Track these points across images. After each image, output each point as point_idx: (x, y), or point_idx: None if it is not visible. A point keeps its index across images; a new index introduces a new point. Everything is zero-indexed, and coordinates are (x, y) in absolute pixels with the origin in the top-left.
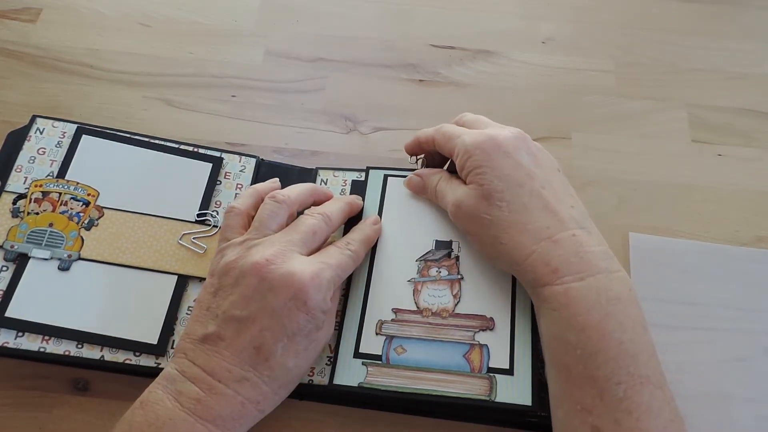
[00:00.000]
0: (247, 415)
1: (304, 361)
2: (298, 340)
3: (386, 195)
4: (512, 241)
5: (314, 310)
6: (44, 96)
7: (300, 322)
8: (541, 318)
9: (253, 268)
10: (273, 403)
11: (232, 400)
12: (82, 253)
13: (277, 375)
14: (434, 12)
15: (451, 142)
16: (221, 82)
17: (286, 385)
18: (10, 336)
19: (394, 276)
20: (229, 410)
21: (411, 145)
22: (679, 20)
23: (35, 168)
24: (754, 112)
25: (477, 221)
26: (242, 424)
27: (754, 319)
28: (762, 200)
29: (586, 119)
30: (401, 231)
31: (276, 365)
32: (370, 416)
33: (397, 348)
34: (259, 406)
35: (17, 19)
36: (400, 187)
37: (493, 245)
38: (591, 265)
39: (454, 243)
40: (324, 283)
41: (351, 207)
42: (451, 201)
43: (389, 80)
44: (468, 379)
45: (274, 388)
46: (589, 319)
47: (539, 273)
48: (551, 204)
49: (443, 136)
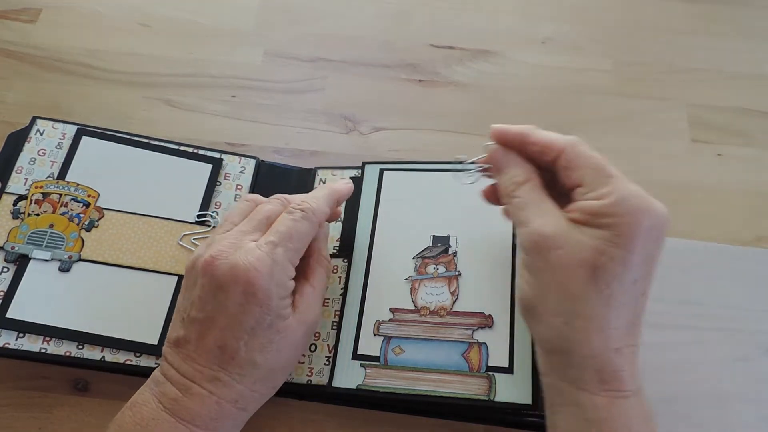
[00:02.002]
0: (226, 414)
1: (276, 353)
2: (259, 334)
3: (382, 190)
4: (584, 332)
5: (267, 301)
6: (44, 96)
7: (255, 316)
8: (562, 415)
9: (203, 268)
10: (255, 400)
11: (207, 400)
12: (83, 254)
13: (248, 372)
14: (434, 12)
15: (601, 175)
16: (221, 82)
17: (262, 380)
18: (11, 337)
19: (391, 274)
20: (206, 410)
21: (501, 132)
22: (679, 20)
23: (35, 169)
24: (754, 112)
25: (564, 278)
26: (225, 424)
27: (754, 319)
28: (762, 200)
29: (585, 119)
30: (398, 226)
31: (243, 363)
32: (370, 416)
33: (395, 348)
34: (238, 404)
35: (17, 19)
36: (396, 181)
37: (556, 315)
38: (637, 381)
39: (451, 238)
40: (273, 268)
41: (335, 191)
42: (536, 228)
43: (389, 80)
44: (467, 378)
45: (248, 385)
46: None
47: (588, 378)
48: (640, 314)
49: (586, 159)
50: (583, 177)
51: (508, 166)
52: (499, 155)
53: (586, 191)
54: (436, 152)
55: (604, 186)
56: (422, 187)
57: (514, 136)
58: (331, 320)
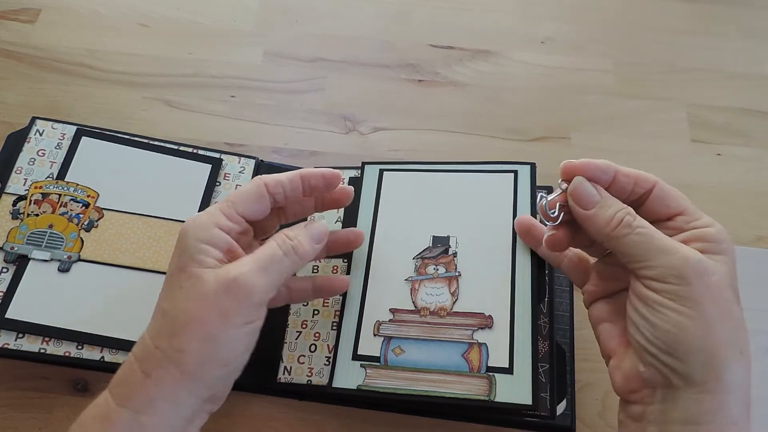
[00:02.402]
0: (131, 377)
1: (184, 301)
2: (172, 277)
3: (382, 190)
4: (748, 359)
5: (183, 240)
6: (43, 97)
7: (174, 259)
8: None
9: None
10: (155, 360)
11: (126, 361)
12: (82, 254)
13: (155, 320)
14: (433, 12)
15: (691, 204)
16: (220, 82)
17: (166, 335)
18: (10, 337)
19: (391, 275)
20: (120, 373)
21: (583, 166)
22: (679, 20)
23: (35, 170)
24: (754, 112)
25: (726, 303)
26: (135, 392)
27: (754, 319)
28: (761, 200)
29: (585, 119)
30: (398, 227)
31: (156, 311)
32: (370, 416)
33: (396, 349)
34: (142, 364)
35: (16, 19)
36: (396, 181)
37: (730, 345)
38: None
39: (451, 239)
40: (201, 215)
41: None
42: (688, 254)
43: (388, 80)
44: (467, 379)
45: (152, 335)
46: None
47: (740, 413)
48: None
49: (674, 189)
50: (684, 206)
51: (607, 199)
52: (589, 189)
53: (691, 219)
54: (436, 152)
55: (700, 214)
56: (422, 187)
57: (594, 168)
58: (331, 320)
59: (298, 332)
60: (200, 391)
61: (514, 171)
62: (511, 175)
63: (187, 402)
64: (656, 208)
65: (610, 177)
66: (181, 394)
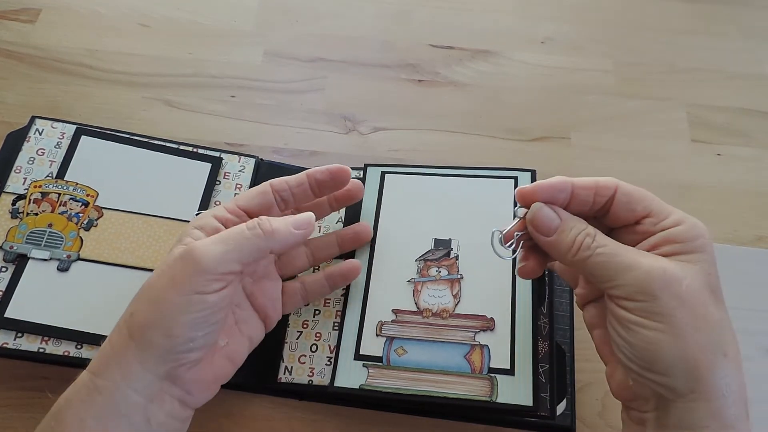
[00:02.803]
0: (103, 345)
1: (157, 268)
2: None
3: (384, 192)
4: (735, 360)
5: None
6: (43, 96)
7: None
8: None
9: None
10: (116, 324)
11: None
12: (82, 253)
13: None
14: (433, 12)
15: (659, 202)
16: (220, 82)
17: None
18: (9, 337)
19: (394, 276)
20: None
21: (532, 191)
22: (678, 20)
23: (34, 169)
24: (754, 112)
25: (701, 307)
26: (97, 356)
27: (754, 319)
28: (761, 200)
29: (585, 119)
30: (400, 229)
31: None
32: (371, 416)
33: (398, 349)
34: (113, 330)
35: (16, 19)
36: (398, 184)
37: (708, 352)
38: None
39: (453, 241)
40: (206, 213)
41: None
42: (652, 266)
43: (388, 80)
44: (469, 380)
45: (130, 304)
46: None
47: (738, 414)
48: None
49: (638, 190)
50: (651, 207)
51: (567, 222)
52: (547, 214)
53: (658, 220)
54: (436, 152)
55: (669, 211)
56: (424, 190)
57: (549, 189)
58: (332, 320)
59: (299, 332)
60: (149, 363)
61: (515, 177)
62: (512, 181)
63: (137, 373)
64: (622, 214)
65: (568, 194)
66: (131, 362)
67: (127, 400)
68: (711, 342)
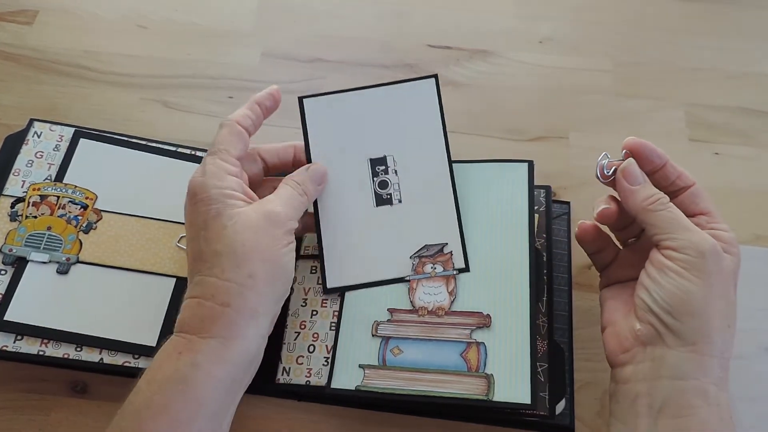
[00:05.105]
0: (208, 313)
1: (234, 235)
2: (211, 225)
3: (307, 119)
4: (733, 336)
5: (203, 193)
6: (41, 98)
7: (201, 210)
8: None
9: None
10: (233, 292)
11: (190, 304)
12: (81, 256)
13: (215, 262)
14: (431, 12)
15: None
16: (219, 83)
17: (232, 268)
18: (9, 339)
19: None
20: (188, 313)
21: (643, 146)
22: (677, 20)
23: (33, 172)
24: (752, 111)
25: (728, 284)
26: (216, 324)
27: (753, 317)
28: (760, 199)
29: (583, 119)
30: (336, 156)
31: (208, 256)
32: (369, 416)
33: (394, 349)
34: (216, 299)
35: (13, 21)
36: (318, 108)
37: (722, 319)
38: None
39: (388, 158)
40: (205, 167)
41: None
42: (708, 236)
43: (387, 80)
44: (465, 378)
45: (219, 275)
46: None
47: (724, 377)
48: None
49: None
50: (711, 209)
51: (646, 182)
52: (638, 171)
53: (712, 221)
54: None
55: (720, 218)
56: (346, 111)
57: (652, 150)
58: (330, 321)
59: (297, 333)
60: (270, 308)
61: (434, 75)
62: (432, 80)
63: (263, 322)
64: (686, 204)
65: (661, 164)
66: (259, 316)
67: (251, 354)
68: (725, 312)
